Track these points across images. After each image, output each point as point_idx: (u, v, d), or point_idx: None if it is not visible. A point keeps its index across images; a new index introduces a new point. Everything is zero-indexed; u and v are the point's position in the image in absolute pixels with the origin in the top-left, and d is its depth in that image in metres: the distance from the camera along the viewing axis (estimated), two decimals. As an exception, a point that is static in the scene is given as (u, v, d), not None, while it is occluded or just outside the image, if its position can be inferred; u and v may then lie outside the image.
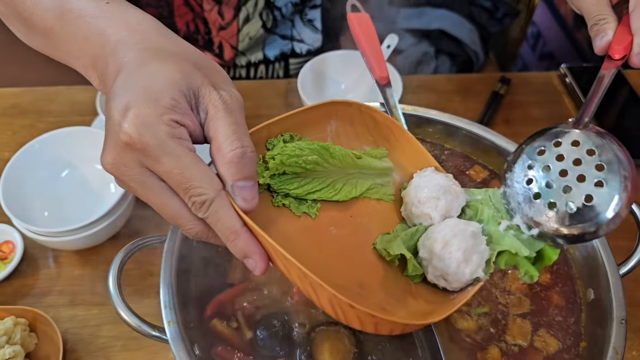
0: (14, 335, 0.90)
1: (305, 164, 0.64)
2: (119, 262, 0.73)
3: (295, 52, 1.56)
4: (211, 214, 0.54)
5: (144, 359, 0.96)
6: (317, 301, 0.56)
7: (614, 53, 0.77)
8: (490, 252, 0.62)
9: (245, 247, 0.55)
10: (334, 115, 0.71)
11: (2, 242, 1.06)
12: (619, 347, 0.67)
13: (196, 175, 0.53)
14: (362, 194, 0.71)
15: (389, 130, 0.74)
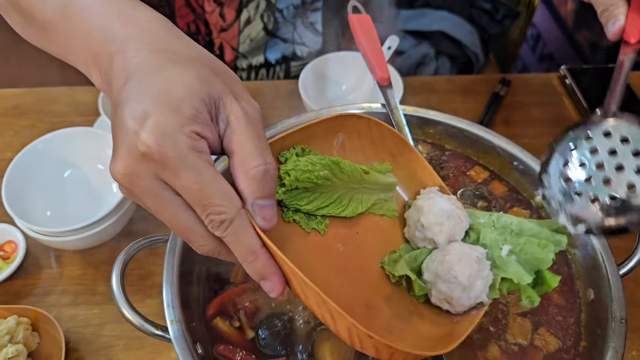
0: (16, 335, 0.91)
1: (317, 179, 0.63)
2: (122, 261, 0.73)
3: (296, 54, 1.57)
4: (230, 234, 0.52)
5: (145, 358, 0.96)
6: (334, 327, 0.55)
7: (629, 37, 0.76)
8: (494, 278, 0.63)
9: (263, 269, 0.54)
10: (342, 128, 0.70)
11: (5, 242, 1.07)
12: (619, 347, 0.68)
13: (217, 193, 0.51)
14: (368, 209, 0.70)
15: (395, 146, 0.74)
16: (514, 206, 0.89)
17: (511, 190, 0.92)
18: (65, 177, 1.12)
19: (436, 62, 2.27)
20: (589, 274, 0.79)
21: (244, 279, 0.80)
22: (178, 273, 0.73)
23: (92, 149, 1.10)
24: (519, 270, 0.63)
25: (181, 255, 0.75)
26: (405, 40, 2.31)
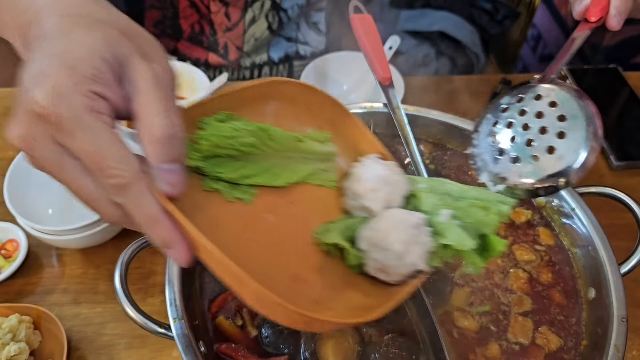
0: (18, 333, 0.91)
1: (241, 146, 0.59)
2: (125, 259, 0.73)
3: (299, 54, 1.57)
4: (129, 199, 0.49)
5: (147, 356, 0.96)
6: (244, 296, 0.51)
7: (590, 15, 0.77)
8: (434, 244, 0.60)
9: (165, 236, 0.50)
10: (275, 95, 0.66)
11: (6, 241, 1.07)
12: (620, 345, 0.68)
13: (113, 155, 0.48)
14: (303, 179, 0.66)
15: (334, 114, 0.71)
16: (515, 206, 0.89)
17: (513, 190, 0.92)
18: (67, 175, 1.12)
19: (437, 63, 2.28)
20: (590, 273, 0.79)
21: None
22: (180, 271, 0.73)
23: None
24: (462, 236, 0.59)
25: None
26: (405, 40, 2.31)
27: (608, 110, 1.40)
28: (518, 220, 0.87)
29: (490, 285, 0.81)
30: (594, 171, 1.29)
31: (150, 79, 0.50)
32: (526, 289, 0.80)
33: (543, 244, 0.85)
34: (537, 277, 0.81)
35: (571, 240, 0.84)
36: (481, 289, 0.80)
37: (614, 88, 1.47)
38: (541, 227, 0.86)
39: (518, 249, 0.84)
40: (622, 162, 1.27)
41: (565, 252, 0.84)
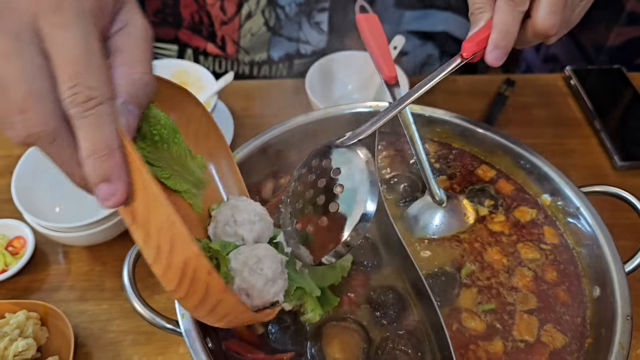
0: (26, 329, 0.91)
1: (159, 133, 0.61)
2: (133, 256, 0.74)
3: (300, 52, 1.58)
4: (93, 116, 0.46)
5: (153, 353, 0.97)
6: (167, 261, 0.49)
7: (463, 50, 0.74)
8: (290, 284, 0.65)
9: (113, 170, 0.47)
10: (177, 105, 0.67)
11: (14, 238, 1.08)
12: (625, 342, 0.68)
13: (96, 68, 0.46)
14: (182, 192, 0.68)
15: (216, 147, 0.74)
16: (520, 205, 0.90)
17: (518, 189, 0.92)
18: (74, 173, 1.12)
19: (440, 63, 2.28)
20: (595, 271, 0.79)
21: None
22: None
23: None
24: (311, 284, 0.67)
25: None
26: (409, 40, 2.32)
27: (611, 110, 1.40)
28: (523, 219, 0.88)
29: (496, 284, 0.81)
30: (598, 171, 1.29)
31: (142, 28, 0.52)
32: (531, 287, 0.81)
33: (548, 242, 0.85)
34: (542, 275, 0.82)
35: (576, 239, 0.84)
36: (487, 288, 0.81)
37: (617, 88, 1.47)
38: (546, 226, 0.87)
39: (523, 248, 0.84)
40: (626, 162, 1.27)
41: (570, 251, 0.84)
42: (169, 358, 0.96)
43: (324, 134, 0.95)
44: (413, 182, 0.92)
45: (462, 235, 0.86)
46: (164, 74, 1.28)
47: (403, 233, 0.82)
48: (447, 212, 0.87)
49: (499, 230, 0.86)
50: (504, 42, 0.73)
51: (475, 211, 0.88)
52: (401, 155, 0.97)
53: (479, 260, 0.83)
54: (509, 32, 0.74)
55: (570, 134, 1.38)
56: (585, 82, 1.46)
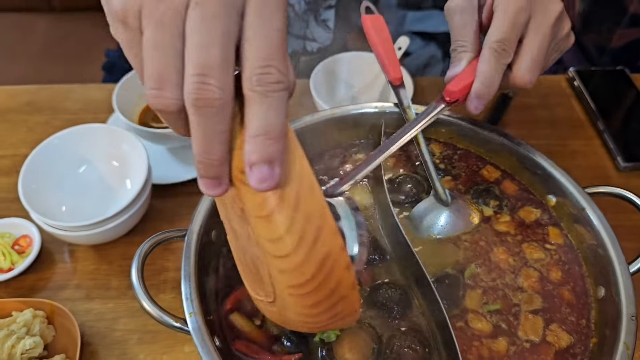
0: (33, 327, 0.92)
1: None
2: (142, 254, 0.74)
3: (306, 49, 1.59)
4: (276, 99, 0.47)
5: (159, 352, 0.97)
6: (308, 251, 0.48)
7: (446, 94, 0.75)
8: None
9: (277, 153, 0.47)
10: None
11: (20, 237, 1.08)
12: (630, 343, 0.69)
13: (286, 57, 0.48)
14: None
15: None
16: (525, 205, 0.90)
17: (523, 189, 0.93)
18: (80, 172, 1.13)
19: (443, 64, 2.28)
20: (600, 272, 0.80)
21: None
22: (195, 267, 0.74)
23: (107, 145, 1.12)
24: None
25: (197, 249, 0.76)
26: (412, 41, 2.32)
27: (615, 112, 1.40)
28: (528, 220, 0.88)
29: (502, 285, 0.82)
30: (602, 172, 1.29)
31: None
32: (537, 287, 0.81)
33: (552, 242, 0.85)
34: (547, 275, 0.82)
35: (580, 239, 0.85)
36: (492, 289, 0.81)
37: (621, 90, 1.47)
38: (550, 227, 0.87)
39: (528, 248, 0.85)
40: (629, 163, 1.28)
41: (574, 251, 0.85)
42: (174, 357, 0.97)
43: (331, 134, 0.96)
44: (418, 183, 0.93)
45: (467, 235, 0.86)
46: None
47: (408, 233, 0.83)
48: (452, 212, 0.87)
49: (504, 230, 0.87)
50: (486, 93, 0.75)
51: (480, 211, 0.89)
52: (406, 155, 0.98)
53: (485, 260, 0.83)
54: (491, 83, 0.75)
55: (574, 135, 1.39)
56: (589, 83, 1.46)
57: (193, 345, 0.96)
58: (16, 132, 1.30)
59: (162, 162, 1.21)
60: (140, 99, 1.24)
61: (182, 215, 1.16)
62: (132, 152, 1.09)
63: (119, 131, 1.10)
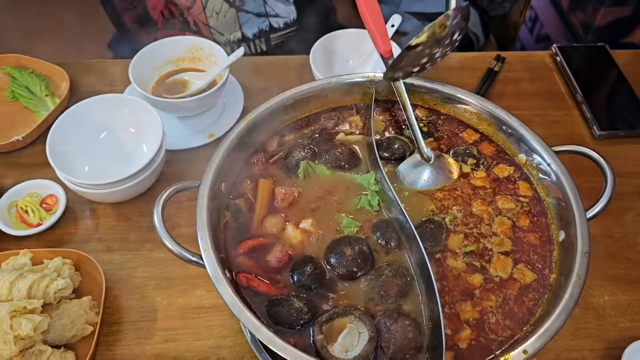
0: (62, 272, 1.04)
1: None
2: (162, 200, 0.85)
3: (273, 27, 1.67)
4: None
5: (174, 295, 1.09)
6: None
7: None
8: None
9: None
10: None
11: (47, 196, 1.20)
12: (582, 274, 0.80)
13: None
14: None
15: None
16: (499, 163, 1.01)
17: (499, 150, 1.03)
18: (101, 138, 1.24)
19: (438, 43, 2.36)
20: (562, 218, 0.91)
21: (262, 233, 0.92)
22: (208, 212, 0.85)
23: (125, 114, 1.23)
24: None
25: (210, 197, 0.87)
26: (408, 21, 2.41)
27: (594, 85, 1.50)
28: (501, 175, 0.99)
29: (476, 231, 0.92)
30: (579, 140, 1.40)
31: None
32: (508, 233, 0.92)
33: (523, 195, 0.96)
34: (517, 222, 0.93)
35: (546, 192, 0.95)
36: (470, 234, 0.92)
37: (601, 65, 1.57)
38: (521, 181, 0.98)
39: (500, 199, 0.96)
40: (604, 131, 1.39)
41: (541, 202, 0.96)
42: (187, 299, 1.09)
43: (326, 99, 1.07)
44: (405, 144, 1.03)
45: (447, 188, 0.97)
46: (180, 50, 1.39)
47: (395, 186, 0.94)
48: (434, 168, 0.98)
49: (480, 185, 0.98)
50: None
51: (459, 168, 1.00)
52: (395, 120, 1.09)
53: (463, 209, 0.94)
54: None
55: (555, 106, 1.49)
56: (570, 58, 1.56)
57: (204, 290, 1.10)
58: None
59: (173, 130, 1.32)
60: (154, 72, 1.35)
61: (192, 178, 1.26)
62: (148, 120, 1.20)
63: (136, 100, 1.21)
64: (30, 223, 1.16)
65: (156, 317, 1.07)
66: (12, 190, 1.18)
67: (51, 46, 1.79)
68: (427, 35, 0.89)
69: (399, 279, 0.85)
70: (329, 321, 0.81)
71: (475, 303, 0.85)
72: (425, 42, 0.90)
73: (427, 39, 0.89)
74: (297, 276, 0.86)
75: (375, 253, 0.89)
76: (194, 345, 1.04)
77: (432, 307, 0.81)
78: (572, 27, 2.02)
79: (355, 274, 0.86)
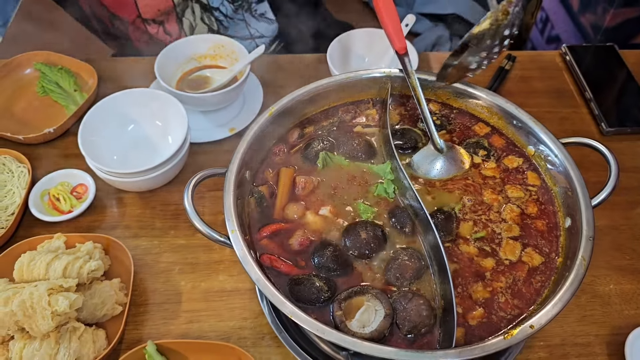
0: (94, 255, 1.10)
1: None
2: (192, 184, 0.91)
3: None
4: None
5: (197, 280, 1.15)
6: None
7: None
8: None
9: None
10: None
11: (77, 185, 1.26)
12: (586, 256, 0.85)
13: None
14: None
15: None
16: (509, 154, 1.06)
17: (509, 142, 1.08)
18: (129, 130, 1.30)
19: (450, 43, 2.43)
20: (568, 206, 0.95)
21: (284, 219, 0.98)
22: (234, 196, 0.91)
23: (152, 107, 1.29)
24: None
25: (235, 183, 0.93)
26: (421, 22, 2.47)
27: (602, 83, 1.55)
28: (511, 166, 1.04)
29: (486, 218, 0.98)
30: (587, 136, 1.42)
31: None
32: (517, 219, 0.97)
33: (531, 184, 1.01)
34: (525, 209, 0.98)
35: (554, 181, 1.00)
36: (479, 221, 0.97)
37: (609, 64, 1.62)
38: (529, 171, 1.03)
39: (510, 188, 1.00)
40: (612, 128, 1.43)
41: (549, 191, 1.00)
42: (210, 283, 1.14)
43: (344, 93, 1.12)
44: (418, 136, 1.09)
45: (459, 177, 1.02)
46: (203, 47, 1.44)
47: (409, 175, 0.99)
48: (447, 159, 1.03)
49: (491, 175, 1.03)
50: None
51: (470, 159, 1.05)
52: (410, 114, 1.14)
53: (474, 197, 1.00)
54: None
55: (564, 104, 1.54)
56: (580, 58, 1.61)
57: (226, 275, 1.16)
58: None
59: (196, 124, 1.38)
60: (178, 68, 1.41)
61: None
62: (174, 113, 1.26)
63: (162, 94, 1.27)
64: (61, 210, 1.22)
65: (181, 299, 1.13)
66: (44, 180, 1.25)
67: (79, 43, 1.86)
68: (490, 22, 0.90)
69: (413, 262, 0.91)
70: (348, 299, 0.87)
71: (487, 284, 0.90)
72: (488, 30, 0.91)
73: (489, 26, 0.90)
74: (317, 258, 0.92)
75: (391, 237, 0.95)
76: (217, 326, 1.09)
77: (444, 287, 0.86)
78: (582, 28, 2.06)
79: (368, 255, 0.92)
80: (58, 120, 1.35)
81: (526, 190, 1.01)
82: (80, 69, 1.48)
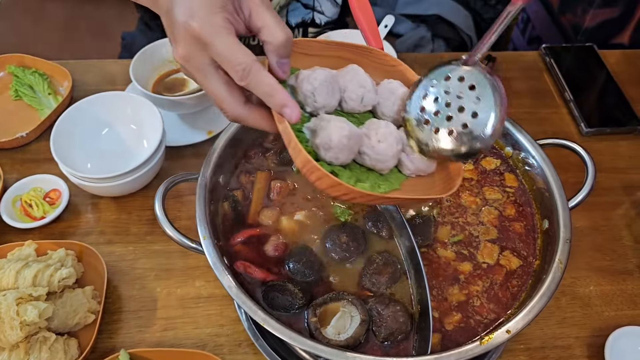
0: (66, 263, 1.07)
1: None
2: (163, 190, 0.89)
3: (314, 22, 1.72)
4: (252, 78, 0.67)
5: (173, 286, 1.13)
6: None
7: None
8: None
9: (284, 99, 0.67)
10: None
11: (50, 190, 1.23)
12: (563, 259, 0.84)
13: (238, 52, 0.66)
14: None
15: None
16: (487, 156, 1.05)
17: (486, 144, 1.07)
18: (103, 134, 1.28)
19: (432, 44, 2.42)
20: (545, 208, 0.95)
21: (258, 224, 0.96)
22: (207, 202, 0.89)
23: (126, 111, 1.26)
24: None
25: (209, 188, 0.91)
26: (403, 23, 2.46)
27: (582, 83, 1.54)
28: (489, 168, 1.03)
29: (463, 222, 0.97)
30: (566, 137, 1.43)
31: (260, 3, 0.70)
32: (494, 222, 0.96)
33: (509, 185, 1.01)
34: (503, 211, 0.97)
35: (531, 183, 0.99)
36: (457, 224, 0.96)
37: (588, 64, 1.62)
38: (507, 173, 1.02)
39: (487, 190, 1.00)
40: (591, 128, 1.43)
41: (526, 193, 1.00)
42: (186, 290, 1.12)
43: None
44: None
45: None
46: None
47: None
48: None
49: (468, 177, 1.02)
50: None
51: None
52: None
53: (451, 200, 0.99)
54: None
55: (544, 105, 1.53)
56: (559, 58, 1.60)
57: (203, 281, 1.13)
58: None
59: (173, 127, 1.36)
60: (154, 71, 1.39)
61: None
62: (149, 117, 1.23)
63: (137, 98, 1.25)
64: (34, 216, 1.19)
65: (156, 306, 1.10)
66: (16, 185, 1.22)
67: (53, 46, 1.83)
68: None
69: (389, 267, 0.89)
70: (323, 305, 0.85)
71: (462, 287, 0.89)
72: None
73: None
74: (292, 264, 0.90)
75: (368, 241, 0.93)
76: (193, 333, 1.07)
77: (420, 291, 0.85)
78: (563, 28, 2.06)
79: (349, 258, 0.91)
80: (31, 125, 1.33)
81: (504, 192, 1.00)
82: (55, 72, 1.46)
